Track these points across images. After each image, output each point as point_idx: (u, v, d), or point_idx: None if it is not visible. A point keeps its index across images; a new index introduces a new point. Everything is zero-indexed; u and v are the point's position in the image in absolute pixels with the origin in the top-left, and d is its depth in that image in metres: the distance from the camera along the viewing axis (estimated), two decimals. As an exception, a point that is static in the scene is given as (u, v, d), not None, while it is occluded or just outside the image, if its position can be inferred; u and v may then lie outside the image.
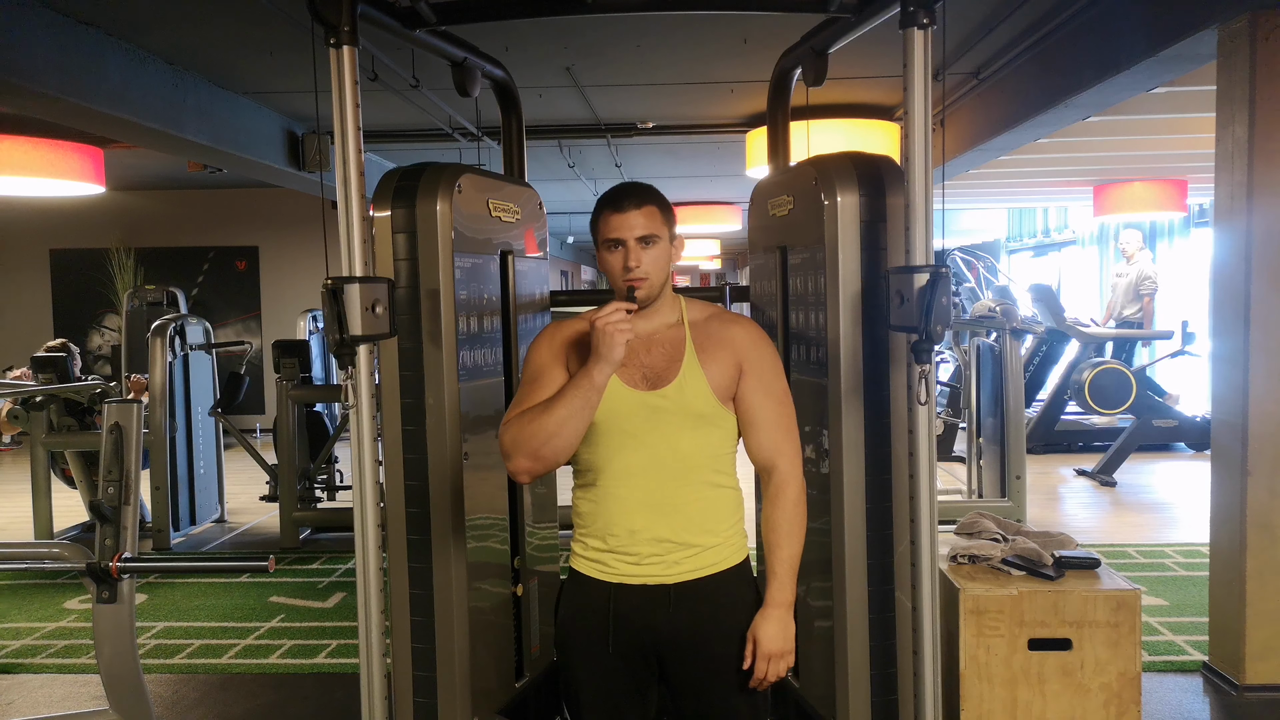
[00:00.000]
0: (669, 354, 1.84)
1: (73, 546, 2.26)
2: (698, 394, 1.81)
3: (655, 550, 1.80)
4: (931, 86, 2.01)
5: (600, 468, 1.83)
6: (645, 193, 1.83)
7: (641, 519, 1.80)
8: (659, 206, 1.83)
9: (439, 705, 2.36)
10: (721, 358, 1.83)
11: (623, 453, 1.81)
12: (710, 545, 1.83)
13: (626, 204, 1.79)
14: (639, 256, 1.78)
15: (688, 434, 1.81)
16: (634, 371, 1.83)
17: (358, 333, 2.02)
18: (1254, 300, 3.32)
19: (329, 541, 5.79)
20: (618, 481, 1.81)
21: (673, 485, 1.81)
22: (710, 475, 1.85)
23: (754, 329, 1.90)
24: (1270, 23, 3.22)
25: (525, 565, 2.67)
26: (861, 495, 2.23)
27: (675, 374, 1.81)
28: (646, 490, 1.80)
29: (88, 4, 4.08)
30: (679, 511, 1.81)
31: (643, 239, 1.79)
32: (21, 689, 3.67)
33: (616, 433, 1.81)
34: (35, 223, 10.00)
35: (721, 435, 1.86)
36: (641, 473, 1.80)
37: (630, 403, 1.80)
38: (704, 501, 1.83)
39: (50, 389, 5.58)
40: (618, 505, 1.81)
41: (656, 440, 1.80)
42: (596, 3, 2.28)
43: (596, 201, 1.85)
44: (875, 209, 2.21)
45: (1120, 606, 2.49)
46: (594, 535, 1.86)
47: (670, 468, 1.81)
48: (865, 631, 2.25)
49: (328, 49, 2.02)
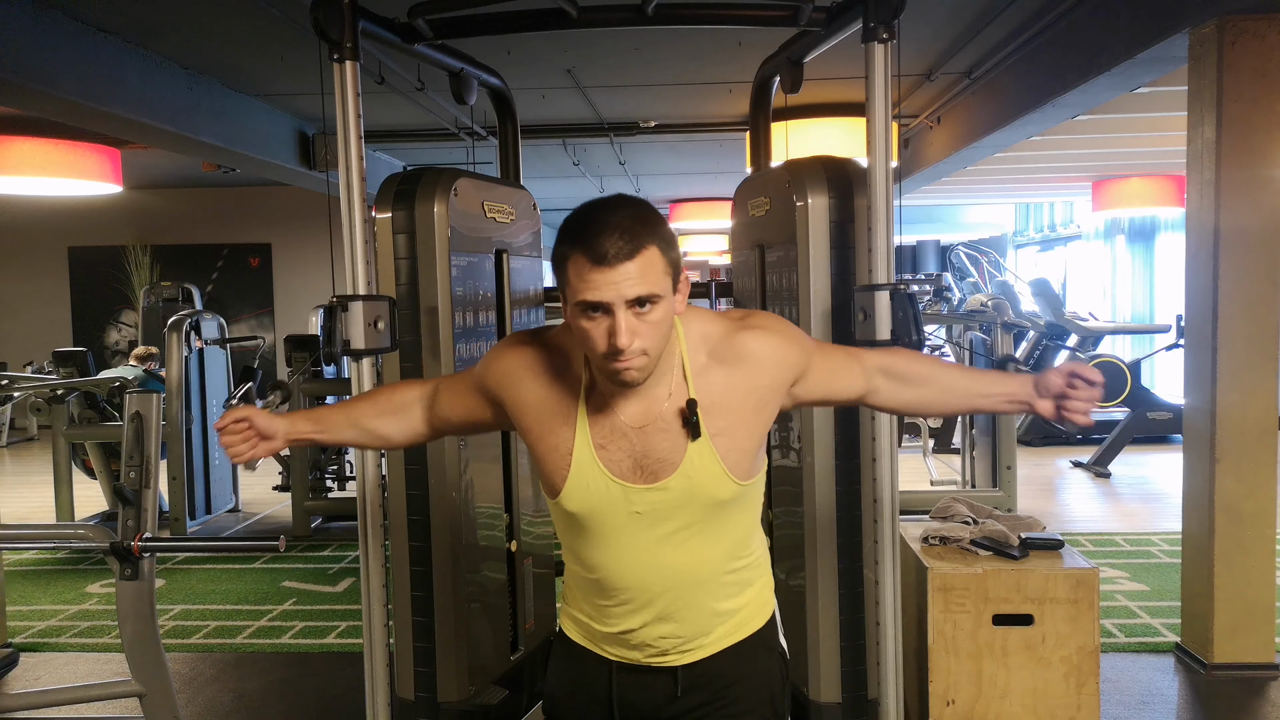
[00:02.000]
0: (669, 430, 1.37)
1: (97, 528, 2.42)
2: (709, 480, 1.37)
3: (664, 644, 1.45)
4: (891, 95, 2.15)
5: (591, 563, 1.44)
6: (638, 226, 1.26)
7: (642, 620, 1.43)
8: (658, 243, 1.27)
9: (438, 675, 2.52)
10: (743, 412, 1.39)
11: (619, 554, 1.41)
12: (732, 615, 1.48)
13: (612, 250, 1.23)
14: (634, 330, 1.26)
15: (700, 530, 1.40)
16: (622, 457, 1.37)
17: (360, 347, 2.19)
18: (1221, 293, 3.45)
19: (339, 530, 5.98)
20: (615, 584, 1.42)
21: (681, 590, 1.42)
22: (731, 564, 1.45)
23: (769, 335, 1.43)
24: (1237, 28, 3.35)
25: (520, 547, 2.84)
26: (831, 478, 2.38)
27: (679, 457, 1.36)
28: (647, 597, 1.42)
29: (106, 12, 4.26)
30: (690, 612, 1.44)
31: (638, 301, 1.26)
32: (47, 665, 3.87)
33: (607, 531, 1.40)
34: (54, 221, 10.22)
35: (743, 512, 1.45)
36: (641, 579, 1.41)
37: (620, 500, 1.37)
38: (722, 593, 1.46)
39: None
40: (617, 606, 1.44)
41: (657, 544, 1.39)
42: (581, 19, 2.44)
43: (561, 229, 1.30)
44: (844, 210, 2.36)
45: (1080, 584, 2.64)
46: (588, 616, 1.49)
47: (678, 574, 1.41)
48: (835, 606, 2.40)
49: (331, 64, 2.17)
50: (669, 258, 1.29)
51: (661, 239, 1.28)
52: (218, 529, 6.15)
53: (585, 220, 1.27)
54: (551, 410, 1.41)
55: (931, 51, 5.17)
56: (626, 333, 1.24)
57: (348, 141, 2.20)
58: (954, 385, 1.52)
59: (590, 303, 1.25)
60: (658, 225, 1.28)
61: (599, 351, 1.28)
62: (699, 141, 7.55)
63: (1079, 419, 1.47)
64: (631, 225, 1.25)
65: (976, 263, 12.29)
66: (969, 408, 1.55)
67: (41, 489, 6.89)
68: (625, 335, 1.24)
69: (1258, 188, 3.43)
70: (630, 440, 1.37)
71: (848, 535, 2.39)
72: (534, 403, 1.43)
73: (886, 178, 2.15)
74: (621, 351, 1.25)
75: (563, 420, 1.40)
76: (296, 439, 1.59)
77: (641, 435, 1.37)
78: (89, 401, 5.94)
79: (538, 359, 1.44)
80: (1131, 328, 8.64)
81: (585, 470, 1.38)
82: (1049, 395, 1.47)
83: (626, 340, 1.24)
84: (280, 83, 5.71)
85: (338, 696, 3.53)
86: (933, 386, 1.52)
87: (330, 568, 5.16)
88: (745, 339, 1.41)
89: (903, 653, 2.31)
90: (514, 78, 3.40)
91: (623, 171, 8.71)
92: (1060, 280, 12.68)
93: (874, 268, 2.18)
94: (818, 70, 3.35)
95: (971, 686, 2.67)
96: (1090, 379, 1.45)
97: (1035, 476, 7.06)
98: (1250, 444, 3.47)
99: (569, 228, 1.28)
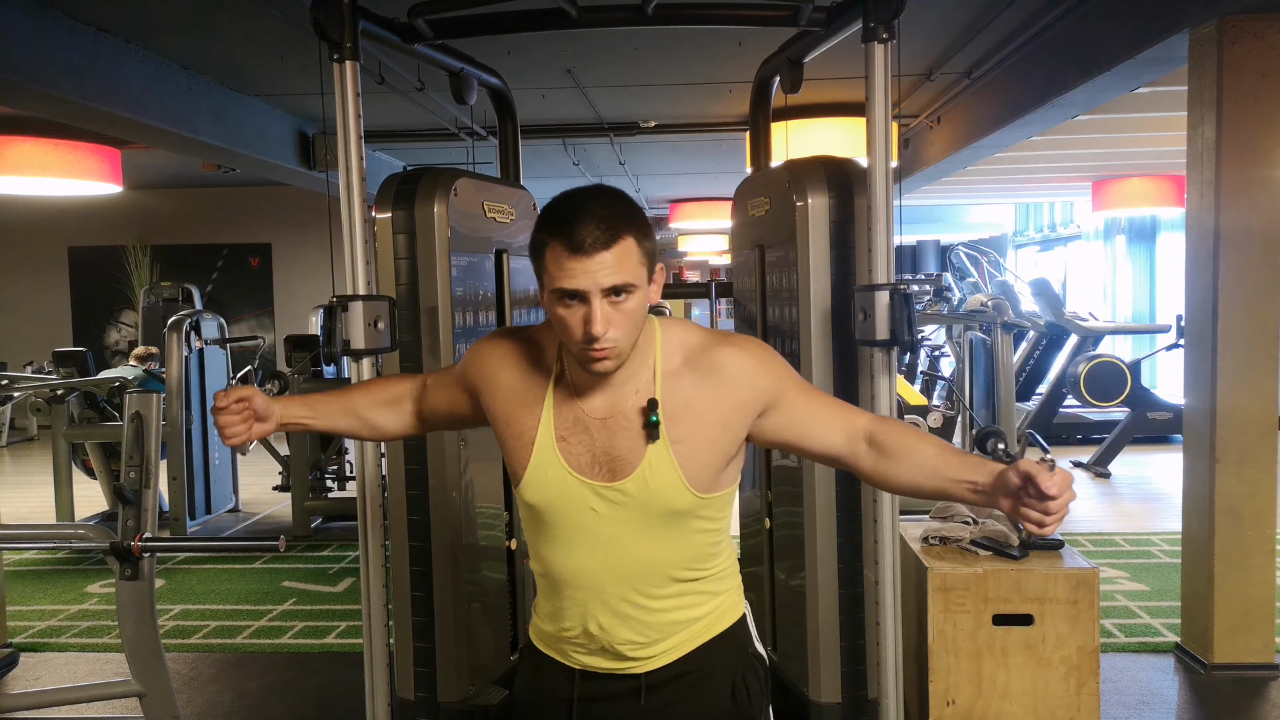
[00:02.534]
0: (631, 428, 1.37)
1: (97, 528, 2.42)
2: (666, 487, 1.37)
3: (622, 649, 1.43)
4: (891, 95, 2.15)
5: (547, 560, 1.45)
6: (615, 216, 1.29)
7: (602, 621, 1.42)
8: (635, 234, 1.30)
9: (438, 675, 2.52)
10: (707, 423, 1.38)
11: (573, 551, 1.41)
12: (694, 622, 1.46)
13: (589, 239, 1.26)
14: (608, 318, 1.29)
15: (653, 536, 1.40)
16: (583, 452, 1.39)
17: (360, 346, 2.19)
18: (1221, 293, 3.45)
19: (339, 530, 5.98)
20: (569, 581, 1.42)
21: (639, 590, 1.41)
22: (688, 574, 1.44)
23: (745, 355, 1.42)
24: (1237, 28, 3.35)
25: (520, 545, 2.84)
26: (831, 478, 2.38)
27: (638, 459, 1.36)
28: (604, 594, 1.41)
29: (106, 12, 4.26)
30: (649, 615, 1.42)
31: (614, 290, 1.29)
32: (47, 665, 3.87)
33: (563, 526, 1.41)
34: (54, 221, 10.22)
35: (701, 531, 1.43)
36: (597, 576, 1.41)
37: (576, 495, 1.39)
38: (683, 598, 1.44)
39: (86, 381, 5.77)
40: (572, 605, 1.43)
41: (612, 542, 1.40)
42: (581, 19, 2.44)
43: (539, 217, 1.33)
44: (844, 210, 2.36)
45: (1080, 584, 2.64)
46: (549, 619, 1.49)
47: (634, 573, 1.40)
48: (835, 606, 2.40)
49: (331, 64, 2.17)
50: (645, 248, 1.32)
51: (638, 229, 1.31)
52: (218, 529, 6.15)
53: (563, 209, 1.30)
54: (519, 398, 1.45)
55: (931, 51, 5.17)
56: (601, 321, 1.28)
57: (348, 141, 2.20)
58: (926, 463, 1.37)
59: (566, 290, 1.28)
60: (635, 215, 1.32)
61: (575, 338, 1.31)
62: (699, 141, 7.55)
63: (1033, 530, 1.26)
64: (609, 215, 1.28)
65: (976, 263, 12.29)
66: (936, 490, 1.39)
67: (41, 489, 6.89)
68: (600, 323, 1.28)
69: (1258, 188, 3.44)
70: (592, 434, 1.39)
71: (848, 535, 2.39)
72: (504, 389, 1.47)
73: (886, 178, 2.15)
74: (596, 339, 1.29)
75: (529, 409, 1.43)
76: (290, 422, 1.59)
77: (604, 429, 1.38)
78: (89, 401, 5.94)
79: (512, 350, 1.48)
80: (1131, 328, 8.64)
81: (545, 461, 1.40)
82: (1007, 494, 1.27)
83: (601, 328, 1.28)
84: (280, 83, 5.71)
85: (338, 696, 3.53)
86: (908, 461, 1.38)
87: (330, 568, 5.16)
88: (722, 353, 1.41)
89: (903, 653, 2.31)
90: (514, 78, 3.40)
91: (623, 171, 8.71)
92: (1060, 280, 12.69)
93: (874, 268, 2.18)
94: (818, 70, 3.35)
95: (971, 686, 2.67)
96: (1044, 490, 1.20)
97: (1035, 476, 7.05)
98: (1250, 444, 3.48)
99: (547, 216, 1.31)
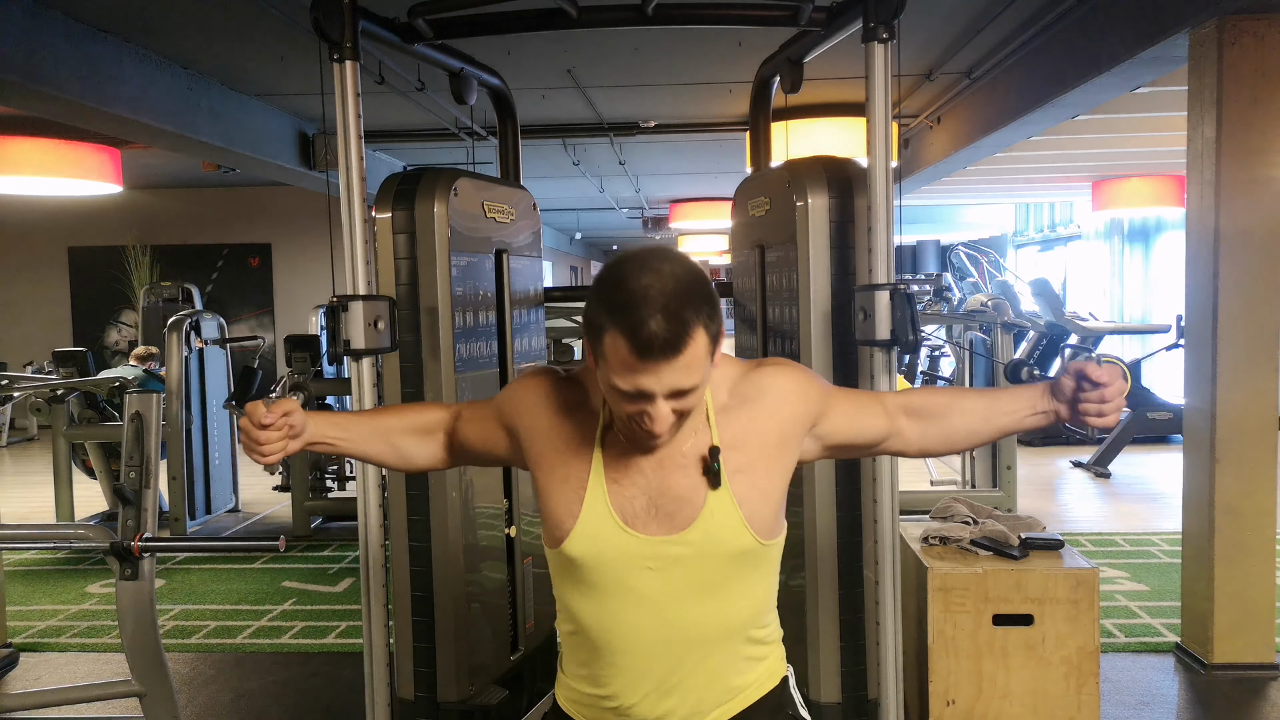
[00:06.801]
0: (688, 464, 1.28)
1: (97, 528, 2.42)
2: (729, 530, 1.28)
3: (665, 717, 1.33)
4: (891, 95, 2.15)
5: (582, 617, 1.33)
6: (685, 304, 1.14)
7: (642, 692, 1.31)
8: (704, 321, 1.17)
9: (438, 675, 2.52)
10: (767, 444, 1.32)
11: (624, 615, 1.29)
12: (740, 692, 1.36)
13: (658, 341, 1.13)
14: (668, 416, 1.20)
15: (719, 590, 1.30)
16: (637, 494, 1.29)
17: (360, 347, 2.19)
18: (1221, 293, 3.45)
19: (339, 530, 5.98)
20: (616, 649, 1.31)
21: (697, 657, 1.31)
22: (750, 632, 1.35)
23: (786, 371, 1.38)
24: (1237, 28, 3.35)
25: (520, 546, 2.84)
26: (831, 478, 2.38)
27: (698, 499, 1.27)
28: (656, 664, 1.30)
29: (106, 12, 4.26)
30: (697, 683, 1.32)
31: (679, 394, 1.19)
32: (47, 665, 3.87)
33: (613, 587, 1.29)
34: (54, 221, 10.22)
35: (763, 576, 1.35)
36: (651, 644, 1.29)
37: (632, 552, 1.28)
38: (737, 666, 1.34)
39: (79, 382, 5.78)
40: (615, 674, 1.32)
41: (673, 602, 1.28)
42: (581, 19, 2.44)
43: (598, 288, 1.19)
44: (844, 210, 2.36)
45: (1079, 584, 2.64)
46: (587, 682, 1.36)
47: (689, 638, 1.30)
48: (835, 606, 2.40)
49: (331, 63, 2.17)
50: (711, 332, 1.18)
51: (707, 314, 1.17)
52: (218, 529, 6.15)
53: (626, 290, 1.14)
54: (564, 441, 1.34)
55: (931, 51, 5.17)
56: (662, 420, 1.19)
57: (348, 141, 2.20)
58: (973, 409, 1.42)
59: (629, 391, 1.18)
60: (704, 296, 1.17)
61: (630, 425, 1.23)
62: (699, 141, 7.55)
63: (1094, 422, 1.35)
64: (678, 305, 1.13)
65: (976, 263, 12.30)
66: (995, 430, 1.42)
67: (41, 489, 6.89)
68: (661, 423, 1.20)
69: (1258, 188, 3.43)
70: (646, 476, 1.28)
71: (848, 535, 2.39)
72: (546, 431, 1.36)
73: (886, 178, 2.15)
74: (654, 437, 1.22)
75: (574, 452, 1.33)
76: (319, 441, 1.46)
77: (659, 471, 1.28)
78: (89, 401, 5.94)
79: (554, 390, 1.38)
80: (1132, 328, 8.63)
81: (596, 511, 1.29)
82: (1065, 400, 1.37)
83: (662, 427, 1.20)
84: (281, 83, 5.71)
85: (338, 696, 3.53)
86: (954, 416, 1.41)
87: (330, 568, 5.16)
88: (763, 374, 1.36)
89: (903, 653, 2.31)
90: (514, 78, 3.40)
91: (623, 171, 8.71)
92: (1060, 280, 12.68)
93: (874, 268, 2.18)
94: (818, 70, 3.35)
95: (971, 686, 2.66)
96: (1097, 380, 1.33)
97: (1036, 476, 7.05)
98: (1250, 444, 3.47)
99: (608, 294, 1.16)
